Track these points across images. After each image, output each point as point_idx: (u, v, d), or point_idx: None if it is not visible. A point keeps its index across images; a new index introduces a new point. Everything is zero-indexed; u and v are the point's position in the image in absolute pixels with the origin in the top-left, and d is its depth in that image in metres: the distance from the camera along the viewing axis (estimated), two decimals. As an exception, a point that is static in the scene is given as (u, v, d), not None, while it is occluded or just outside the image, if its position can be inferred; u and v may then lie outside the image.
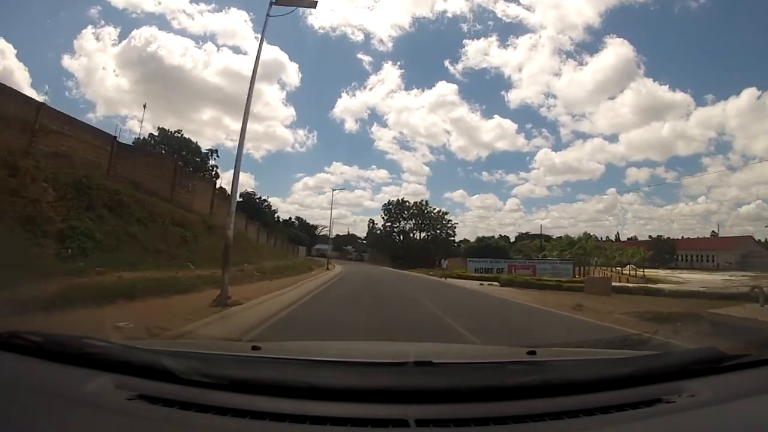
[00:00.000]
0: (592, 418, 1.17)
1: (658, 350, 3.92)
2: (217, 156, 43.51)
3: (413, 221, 72.51)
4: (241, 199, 50.73)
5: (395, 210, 73.33)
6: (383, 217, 74.21)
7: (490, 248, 56.41)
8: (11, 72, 47.96)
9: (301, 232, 72.87)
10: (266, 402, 1.15)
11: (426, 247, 67.19)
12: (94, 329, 4.59)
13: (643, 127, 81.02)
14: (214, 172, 42.21)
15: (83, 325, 4.92)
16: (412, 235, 73.02)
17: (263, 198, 58.06)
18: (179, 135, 39.22)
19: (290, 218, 78.37)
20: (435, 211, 72.48)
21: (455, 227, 72.58)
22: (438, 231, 71.27)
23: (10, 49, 49.99)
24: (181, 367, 1.25)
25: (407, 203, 74.20)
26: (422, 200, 74.79)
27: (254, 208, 52.96)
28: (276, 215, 61.08)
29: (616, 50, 74.80)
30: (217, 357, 1.62)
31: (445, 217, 72.05)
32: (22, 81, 49.23)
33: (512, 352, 2.25)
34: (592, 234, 51.88)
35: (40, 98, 16.40)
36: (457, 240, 73.17)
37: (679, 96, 77.10)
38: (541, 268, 35.09)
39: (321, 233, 78.50)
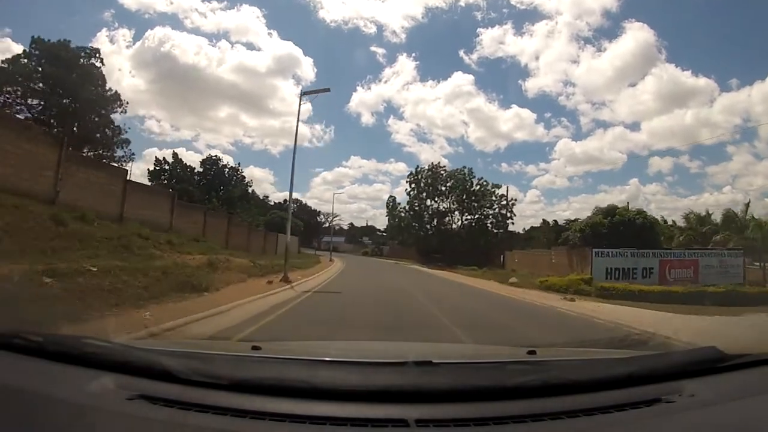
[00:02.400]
0: (592, 418, 1.17)
1: (658, 350, 3.93)
2: (102, 63, 27.75)
3: (453, 197, 48.19)
4: (200, 169, 40.86)
5: (426, 182, 49.24)
6: (409, 193, 50.27)
7: (629, 228, 24.71)
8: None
9: (299, 219, 53.67)
10: (266, 402, 1.15)
11: (472, 234, 45.66)
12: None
13: (665, 115, 77.73)
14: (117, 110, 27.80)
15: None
16: (450, 218, 49.18)
17: (233, 166, 43.27)
18: (63, 42, 26.24)
19: (285, 201, 68.60)
20: (482, 184, 48.00)
21: (514, 205, 46.72)
22: (486, 212, 47.36)
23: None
24: (181, 367, 1.25)
25: (443, 169, 49.80)
26: (464, 167, 50.10)
27: (216, 178, 40.06)
28: (250, 189, 45.61)
29: (636, 35, 70.80)
30: (217, 357, 1.62)
31: (496, 192, 47.05)
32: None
33: (512, 352, 2.25)
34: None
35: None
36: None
37: (702, 81, 71.85)
38: (704, 264, 19.61)
39: (333, 223, 67.96)
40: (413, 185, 50.04)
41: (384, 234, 71.40)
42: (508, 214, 45.81)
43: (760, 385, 1.45)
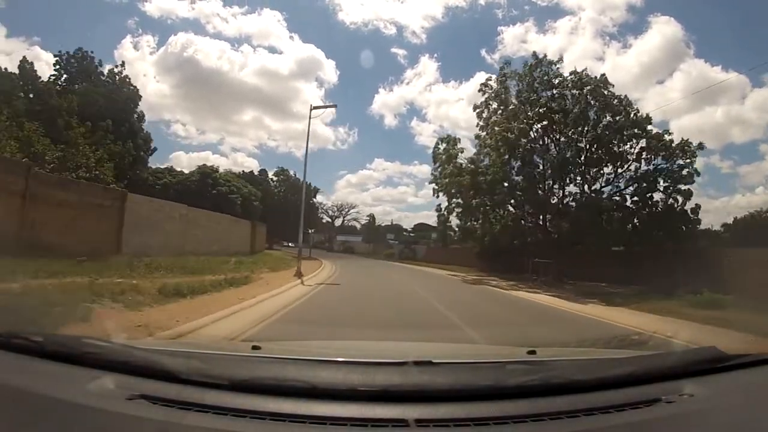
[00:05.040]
0: (591, 418, 1.17)
1: (658, 350, 3.91)
2: None
3: (576, 134, 19.22)
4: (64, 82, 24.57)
5: (526, 97, 20.41)
6: (482, 117, 21.68)
7: None
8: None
9: (258, 188, 38.84)
10: (266, 402, 1.15)
11: (633, 214, 18.59)
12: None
13: (695, 113, 75.35)
14: None
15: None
16: (571, 180, 19.74)
17: (114, 68, 27.34)
18: None
19: (272, 174, 53.01)
20: (625, 104, 19.12)
21: (696, 156, 17.96)
22: (639, 167, 18.97)
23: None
24: (181, 367, 1.26)
25: (553, 67, 20.77)
26: (596, 75, 20.48)
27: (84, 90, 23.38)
28: (137, 115, 28.04)
29: (662, 29, 67.91)
30: (217, 357, 1.63)
31: (648, 129, 18.64)
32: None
33: (512, 351, 2.25)
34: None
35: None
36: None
37: (733, 76, 66.47)
38: None
39: (349, 219, 64.99)
40: (485, 108, 21.87)
41: (411, 234, 58.25)
42: (685, 171, 18.13)
43: (760, 385, 1.45)
